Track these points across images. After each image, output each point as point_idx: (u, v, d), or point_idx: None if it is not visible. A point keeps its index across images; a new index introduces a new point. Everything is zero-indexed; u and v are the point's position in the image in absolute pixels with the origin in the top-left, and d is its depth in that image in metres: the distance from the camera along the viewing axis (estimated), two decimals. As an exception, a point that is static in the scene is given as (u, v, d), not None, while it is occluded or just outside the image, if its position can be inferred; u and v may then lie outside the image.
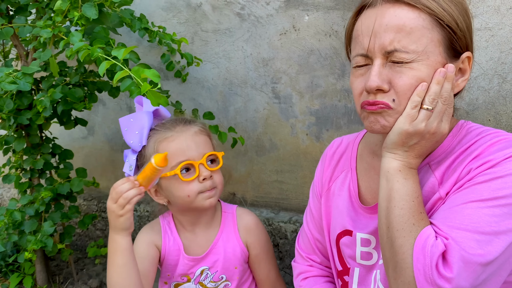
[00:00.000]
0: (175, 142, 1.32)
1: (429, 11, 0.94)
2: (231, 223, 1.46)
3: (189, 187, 1.31)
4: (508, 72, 1.62)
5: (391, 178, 0.96)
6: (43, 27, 1.53)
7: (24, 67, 1.54)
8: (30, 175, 2.06)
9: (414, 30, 0.93)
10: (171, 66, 2.12)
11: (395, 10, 0.95)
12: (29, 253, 1.93)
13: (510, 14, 1.57)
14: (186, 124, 1.37)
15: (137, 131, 1.32)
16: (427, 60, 0.94)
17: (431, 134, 0.94)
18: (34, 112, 1.87)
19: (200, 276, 1.43)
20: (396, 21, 0.94)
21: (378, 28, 0.96)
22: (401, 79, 0.95)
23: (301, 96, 2.04)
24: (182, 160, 1.30)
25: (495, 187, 0.88)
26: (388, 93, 0.96)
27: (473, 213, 0.88)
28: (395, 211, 0.93)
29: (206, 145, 1.37)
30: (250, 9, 2.03)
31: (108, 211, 1.21)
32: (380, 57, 0.96)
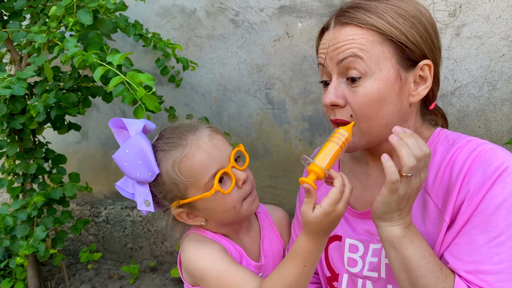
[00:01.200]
0: (197, 156, 1.13)
1: (376, 30, 0.97)
2: (268, 222, 1.36)
3: (231, 198, 1.15)
4: (497, 79, 1.64)
5: (398, 247, 0.92)
6: (38, 32, 1.54)
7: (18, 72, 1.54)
8: (22, 179, 2.05)
9: (364, 43, 0.97)
10: (165, 71, 2.13)
11: (345, 31, 1.00)
12: (20, 258, 1.92)
13: (499, 23, 1.60)
14: (194, 131, 1.18)
15: (139, 160, 1.12)
16: (379, 73, 0.97)
17: (415, 190, 0.92)
18: (27, 117, 1.87)
19: None
20: (346, 37, 0.99)
21: (331, 46, 1.01)
22: (354, 97, 0.98)
23: (294, 102, 2.05)
24: (214, 172, 1.12)
25: (505, 214, 0.89)
26: (345, 108, 1.00)
27: (499, 251, 0.88)
28: (420, 282, 0.90)
29: (226, 145, 1.20)
30: (244, 16, 2.05)
31: (336, 217, 0.97)
32: (336, 73, 1.01)
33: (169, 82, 2.23)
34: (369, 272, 1.10)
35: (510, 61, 1.61)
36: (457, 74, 1.70)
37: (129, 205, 2.53)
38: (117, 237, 2.53)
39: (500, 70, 1.63)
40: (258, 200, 1.22)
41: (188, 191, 1.14)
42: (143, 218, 2.47)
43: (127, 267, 2.39)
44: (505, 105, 1.65)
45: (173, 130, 1.19)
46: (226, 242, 1.22)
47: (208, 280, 1.13)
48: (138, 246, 2.51)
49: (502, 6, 1.59)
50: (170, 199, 1.17)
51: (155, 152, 1.15)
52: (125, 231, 2.53)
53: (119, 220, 2.54)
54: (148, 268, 2.47)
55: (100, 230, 2.57)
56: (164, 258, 2.48)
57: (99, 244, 2.59)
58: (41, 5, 1.77)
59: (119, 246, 2.55)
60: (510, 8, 1.58)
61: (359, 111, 0.98)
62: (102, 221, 2.56)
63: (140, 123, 1.15)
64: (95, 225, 2.58)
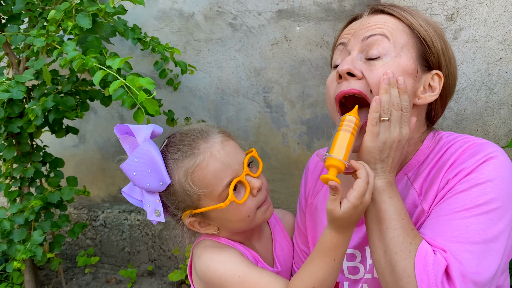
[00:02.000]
0: (210, 165, 1.07)
1: (408, 22, 1.03)
2: (278, 228, 1.34)
3: (246, 207, 1.10)
4: (495, 83, 1.65)
5: (377, 199, 0.95)
6: (37, 36, 1.54)
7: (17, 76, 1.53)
8: (20, 183, 2.04)
9: (394, 28, 1.03)
10: (163, 74, 2.13)
11: (378, 16, 1.06)
12: (18, 263, 1.91)
13: (496, 27, 1.61)
14: (205, 138, 1.12)
15: (148, 169, 1.07)
16: (398, 58, 1.00)
17: (397, 143, 0.95)
18: (25, 121, 1.86)
19: None
20: (378, 20, 1.04)
21: (361, 26, 1.05)
22: (371, 72, 1.00)
23: (293, 105, 2.06)
24: (228, 181, 1.08)
25: (475, 194, 0.91)
26: (362, 80, 1.00)
27: (460, 224, 0.89)
28: (389, 233, 0.92)
29: (238, 151, 1.15)
30: (242, 19, 2.05)
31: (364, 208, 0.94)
32: (357, 49, 1.03)
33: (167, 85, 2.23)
34: (367, 274, 1.11)
35: (507, 65, 1.62)
36: (454, 77, 1.71)
37: (126, 208, 2.52)
38: (115, 241, 2.52)
39: (498, 73, 1.64)
40: (272, 207, 1.17)
41: (201, 201, 1.10)
42: (141, 222, 2.46)
43: (124, 271, 2.38)
44: (503, 109, 1.66)
45: (183, 137, 1.13)
46: (241, 248, 1.18)
47: (230, 286, 1.08)
48: (136, 250, 2.50)
49: (499, 10, 1.60)
50: (182, 208, 1.13)
51: (165, 161, 1.09)
52: (122, 235, 2.52)
53: (116, 224, 2.53)
54: (146, 272, 2.46)
55: (97, 234, 2.56)
56: (162, 262, 2.48)
57: (97, 248, 2.58)
58: (39, 9, 1.77)
59: (116, 250, 2.54)
60: (507, 12, 1.59)
61: (376, 84, 0.98)
62: (100, 225, 2.55)
63: (148, 129, 1.10)
64: (93, 229, 2.57)
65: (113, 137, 2.52)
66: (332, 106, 1.06)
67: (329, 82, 1.07)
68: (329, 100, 1.08)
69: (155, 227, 2.43)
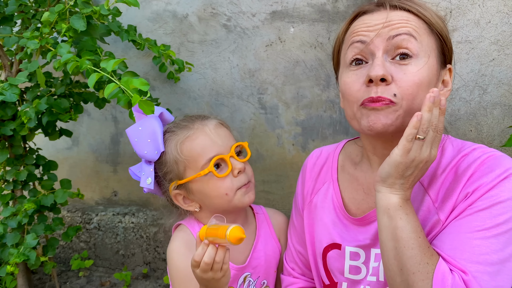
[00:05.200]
0: (199, 139, 1.21)
1: (426, 19, 1.01)
2: (266, 224, 1.38)
3: (225, 184, 1.20)
4: (488, 83, 1.67)
5: (393, 215, 0.93)
6: (30, 38, 1.52)
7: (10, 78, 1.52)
8: (13, 186, 2.02)
9: (418, 28, 0.99)
10: (163, 68, 2.12)
11: (397, 13, 1.01)
12: (11, 267, 1.88)
13: (489, 28, 1.62)
14: (203, 119, 1.27)
15: (148, 139, 1.20)
16: (427, 58, 0.98)
17: (424, 163, 0.93)
18: (18, 123, 1.84)
19: (243, 284, 1.32)
20: (400, 18, 0.99)
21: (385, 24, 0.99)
22: (404, 75, 0.96)
23: (287, 106, 2.06)
24: (212, 156, 1.19)
25: (496, 213, 0.91)
26: (390, 86, 0.96)
27: (481, 244, 0.89)
28: (406, 253, 0.90)
29: (230, 137, 1.27)
30: (236, 21, 2.05)
31: (203, 282, 1.06)
32: (382, 49, 0.98)
33: (165, 83, 2.22)
34: (371, 277, 1.10)
35: (500, 65, 1.64)
36: (448, 78, 1.72)
37: (121, 211, 2.51)
38: (109, 244, 2.51)
39: (491, 74, 1.65)
40: (254, 195, 1.26)
41: (186, 172, 1.21)
42: (135, 224, 2.45)
43: (119, 274, 2.36)
44: (496, 109, 1.67)
45: (186, 117, 1.29)
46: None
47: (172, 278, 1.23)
48: (130, 253, 2.49)
49: (491, 11, 1.61)
50: (170, 179, 1.24)
51: (165, 134, 1.24)
52: (117, 238, 2.51)
53: (110, 227, 2.52)
54: (141, 275, 2.45)
55: (91, 237, 2.54)
56: (157, 264, 2.46)
57: (91, 251, 2.56)
58: (32, 11, 1.76)
59: (111, 253, 2.52)
60: (499, 13, 1.60)
61: (407, 89, 0.96)
62: (94, 228, 2.54)
63: (158, 110, 1.25)
64: (87, 232, 2.55)
65: (106, 140, 2.50)
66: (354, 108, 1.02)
67: (350, 83, 1.02)
68: (350, 102, 1.03)
69: (149, 230, 2.42)
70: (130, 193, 2.54)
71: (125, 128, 2.43)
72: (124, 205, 2.57)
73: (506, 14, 1.60)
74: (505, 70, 1.64)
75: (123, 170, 2.51)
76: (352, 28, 1.06)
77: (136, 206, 2.54)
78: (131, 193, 2.53)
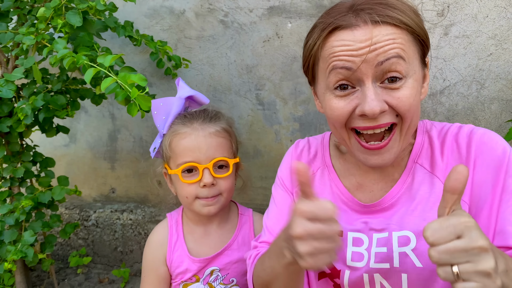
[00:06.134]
0: (186, 140, 1.27)
1: (409, 29, 0.94)
2: (247, 226, 1.41)
3: (188, 188, 1.27)
4: (485, 78, 1.67)
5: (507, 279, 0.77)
6: (26, 34, 1.51)
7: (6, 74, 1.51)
8: (10, 183, 2.01)
9: (404, 44, 0.92)
10: (161, 64, 2.11)
11: (380, 30, 0.91)
12: (8, 264, 1.88)
13: (487, 22, 1.62)
14: (206, 121, 1.31)
15: (164, 116, 1.32)
16: (415, 74, 0.94)
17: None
18: (15, 120, 1.83)
19: (209, 276, 1.37)
20: (385, 37, 0.91)
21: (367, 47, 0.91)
22: (399, 100, 0.92)
23: (285, 102, 2.05)
24: (187, 160, 1.26)
25: None
26: (387, 111, 0.93)
27: None
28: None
29: (219, 149, 1.28)
30: (234, 16, 2.04)
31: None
32: (371, 76, 0.92)
33: (162, 79, 2.22)
34: (377, 264, 1.06)
35: (497, 60, 1.63)
36: (446, 73, 1.71)
37: (119, 208, 2.50)
38: (107, 240, 2.50)
39: (488, 69, 1.65)
40: (215, 210, 1.30)
41: (169, 161, 1.33)
42: (133, 221, 2.45)
43: (117, 271, 2.36)
44: (493, 104, 1.67)
45: (198, 112, 1.36)
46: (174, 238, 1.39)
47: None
48: (129, 250, 2.49)
49: (489, 6, 1.61)
50: (162, 157, 1.38)
51: (176, 118, 1.33)
52: (115, 235, 2.51)
53: (108, 224, 2.51)
54: (139, 271, 2.45)
55: (89, 234, 2.54)
56: (155, 261, 2.47)
57: (89, 248, 2.56)
58: (28, 6, 1.75)
59: (109, 250, 2.52)
60: (497, 8, 1.60)
61: (406, 112, 0.93)
62: (92, 224, 2.53)
63: (189, 92, 1.35)
64: (85, 229, 2.55)
65: (104, 136, 2.50)
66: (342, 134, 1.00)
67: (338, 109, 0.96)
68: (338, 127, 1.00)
69: (147, 227, 2.42)
70: (128, 190, 2.53)
71: (122, 125, 2.43)
72: (122, 202, 2.57)
73: (504, 9, 1.60)
74: (502, 65, 1.64)
75: (121, 167, 2.51)
76: (329, 45, 0.96)
77: (134, 203, 2.54)
78: (129, 190, 2.53)
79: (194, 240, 1.39)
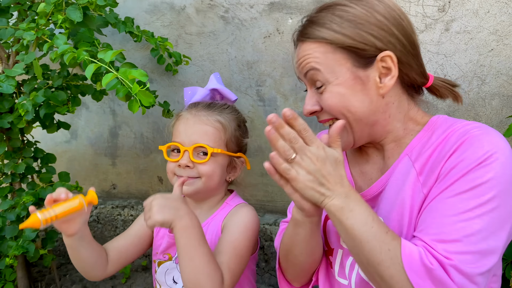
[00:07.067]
0: (179, 122, 1.41)
1: (325, 41, 1.05)
2: (224, 214, 1.44)
3: (170, 165, 1.40)
4: (486, 74, 1.66)
5: (340, 218, 0.95)
6: (26, 29, 1.51)
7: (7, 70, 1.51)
8: (11, 179, 2.02)
9: (319, 55, 1.07)
10: (161, 60, 2.11)
11: (302, 47, 1.10)
12: (10, 259, 1.89)
13: (488, 18, 1.62)
14: (205, 109, 1.42)
15: (189, 102, 1.49)
16: (336, 80, 1.06)
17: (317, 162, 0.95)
18: (16, 116, 1.84)
19: None
20: (303, 53, 1.09)
21: (296, 63, 1.13)
22: (324, 102, 1.08)
23: (286, 98, 2.05)
24: (174, 140, 1.39)
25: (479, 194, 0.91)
26: (323, 111, 1.11)
27: (465, 226, 0.89)
28: (365, 247, 0.92)
29: (204, 136, 1.37)
30: (234, 12, 2.04)
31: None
32: (308, 84, 1.12)
33: (163, 75, 2.22)
34: None
35: (498, 56, 1.63)
36: (446, 69, 1.71)
37: (120, 204, 2.51)
38: (108, 236, 2.51)
39: (489, 64, 1.65)
40: (190, 190, 1.38)
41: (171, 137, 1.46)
42: (134, 217, 2.45)
43: (118, 266, 2.37)
44: (494, 99, 1.67)
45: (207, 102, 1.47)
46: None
47: None
48: (130, 245, 2.49)
49: (490, 1, 1.60)
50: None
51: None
52: (116, 231, 2.51)
53: (110, 220, 2.52)
54: (140, 267, 2.46)
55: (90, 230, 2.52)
56: (156, 257, 2.47)
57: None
58: (29, 2, 1.75)
59: (110, 246, 2.53)
60: (498, 3, 1.59)
61: (331, 111, 1.08)
62: (93, 220, 2.54)
63: (215, 85, 1.49)
64: (86, 225, 2.55)
65: (105, 133, 2.50)
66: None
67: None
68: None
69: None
70: (129, 186, 2.54)
71: (123, 121, 2.43)
72: (123, 198, 2.57)
73: (505, 4, 1.59)
74: (503, 61, 1.63)
75: (122, 163, 2.51)
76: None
77: (135, 199, 2.54)
78: (130, 186, 2.53)
79: None
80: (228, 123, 1.43)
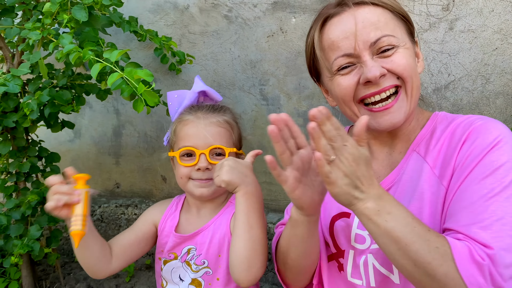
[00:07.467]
0: (187, 126, 1.38)
1: (389, 7, 1.09)
2: (229, 212, 1.45)
3: (183, 169, 1.37)
4: (491, 73, 1.66)
5: (377, 222, 0.91)
6: (32, 29, 1.52)
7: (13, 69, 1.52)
8: (16, 178, 2.03)
9: (388, 21, 1.07)
10: (165, 60, 2.12)
11: (363, 10, 1.08)
12: (15, 258, 1.90)
13: (492, 17, 1.62)
14: (210, 111, 1.41)
15: (177, 107, 1.43)
16: (404, 46, 1.08)
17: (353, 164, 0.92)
18: (20, 115, 1.84)
19: (186, 255, 1.43)
20: (370, 17, 1.07)
21: (355, 27, 1.07)
22: (394, 63, 1.05)
23: (289, 97, 2.05)
24: (187, 145, 1.36)
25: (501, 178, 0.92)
26: (387, 75, 1.06)
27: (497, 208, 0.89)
28: (412, 248, 0.88)
29: (217, 137, 1.37)
30: (238, 12, 2.04)
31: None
32: (367, 53, 1.06)
33: (166, 75, 2.22)
34: (374, 245, 1.13)
35: (503, 55, 1.63)
36: (451, 68, 1.71)
37: (123, 203, 2.51)
38: (112, 235, 2.51)
39: (494, 63, 1.65)
40: (209, 192, 1.38)
41: (173, 146, 1.42)
42: (138, 216, 2.46)
43: (122, 265, 2.38)
44: (499, 98, 1.67)
45: (206, 104, 1.44)
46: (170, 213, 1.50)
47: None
48: (133, 244, 2.50)
49: (494, 0, 1.60)
50: (169, 143, 1.47)
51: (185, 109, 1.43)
52: (120, 230, 2.52)
53: (113, 219, 2.53)
54: (144, 266, 2.46)
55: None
56: (160, 255, 2.48)
57: (94, 242, 2.57)
58: (33, 1, 1.75)
59: (114, 245, 2.54)
60: (502, 2, 1.59)
61: (404, 71, 1.06)
62: (97, 219, 2.55)
63: (202, 87, 1.44)
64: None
65: (109, 132, 2.51)
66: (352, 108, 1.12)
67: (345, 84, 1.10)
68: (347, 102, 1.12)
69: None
70: (133, 185, 2.54)
71: (127, 120, 2.44)
72: (127, 197, 2.58)
73: (510, 3, 1.59)
74: (508, 60, 1.63)
75: (125, 162, 2.52)
76: (326, 35, 1.13)
77: (139, 197, 2.55)
78: (134, 185, 2.54)
79: (186, 219, 1.48)
80: (233, 122, 1.45)
